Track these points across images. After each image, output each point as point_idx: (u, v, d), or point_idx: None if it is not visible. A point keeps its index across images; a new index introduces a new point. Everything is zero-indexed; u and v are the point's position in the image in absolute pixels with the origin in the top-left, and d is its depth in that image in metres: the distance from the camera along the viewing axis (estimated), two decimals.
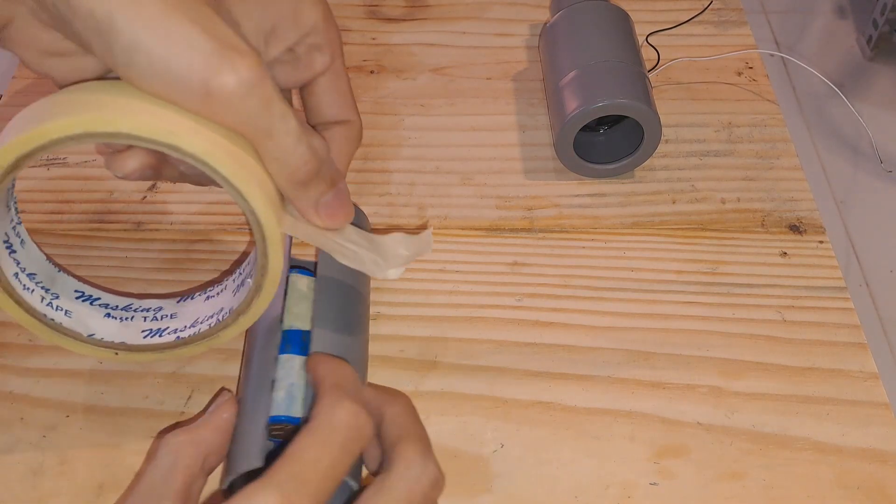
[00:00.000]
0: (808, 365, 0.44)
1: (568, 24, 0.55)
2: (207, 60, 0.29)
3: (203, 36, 0.29)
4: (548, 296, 0.47)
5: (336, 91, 0.38)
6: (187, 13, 0.29)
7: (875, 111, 0.66)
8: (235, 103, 0.30)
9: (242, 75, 0.29)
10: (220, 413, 0.35)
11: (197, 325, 0.39)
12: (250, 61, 0.30)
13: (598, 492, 0.40)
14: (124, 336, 0.39)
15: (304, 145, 0.32)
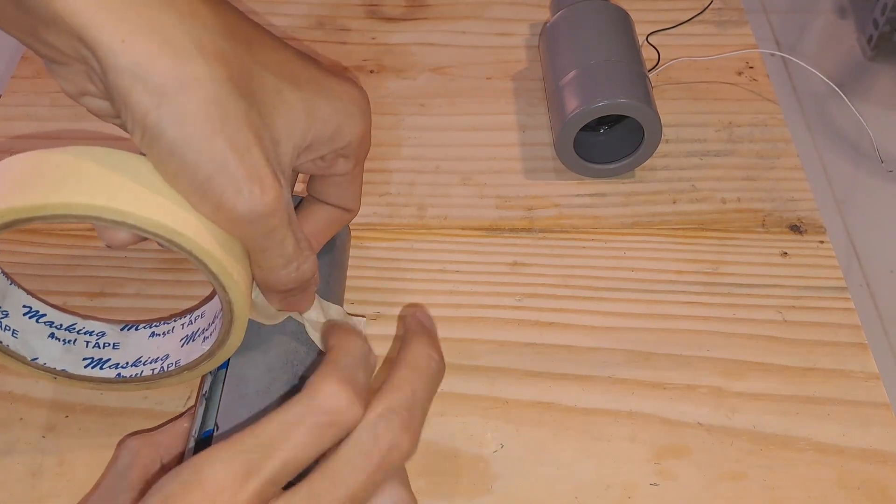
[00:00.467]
0: (809, 365, 0.44)
1: (568, 24, 0.55)
2: (229, 181, 0.30)
3: (236, 161, 0.30)
4: (548, 296, 0.47)
5: (347, 188, 0.39)
6: (228, 135, 0.29)
7: (876, 111, 0.66)
8: (241, 225, 0.31)
9: (256, 207, 0.30)
10: (181, 422, 0.36)
11: (140, 365, 0.39)
12: (267, 196, 0.30)
13: (599, 492, 0.40)
14: (66, 363, 0.39)
15: (294, 269, 0.34)
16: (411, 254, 0.49)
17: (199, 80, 0.29)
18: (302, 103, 0.33)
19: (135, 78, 0.28)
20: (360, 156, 0.37)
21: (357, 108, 0.35)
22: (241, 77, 0.30)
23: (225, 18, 0.31)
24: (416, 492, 0.39)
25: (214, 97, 0.29)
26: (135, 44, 0.28)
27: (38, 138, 0.54)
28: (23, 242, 0.49)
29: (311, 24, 0.63)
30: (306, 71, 0.34)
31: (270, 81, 0.31)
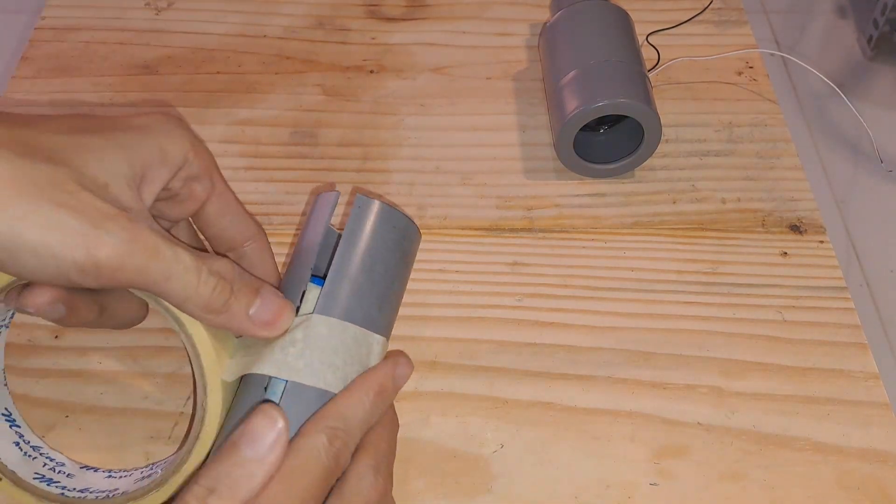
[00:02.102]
0: (809, 365, 0.44)
1: (568, 24, 0.55)
2: (83, 236, 0.29)
3: (72, 215, 0.29)
4: (548, 296, 0.47)
5: (228, 212, 0.38)
6: (52, 199, 0.29)
7: (876, 111, 0.66)
8: (125, 263, 0.30)
9: (118, 236, 0.30)
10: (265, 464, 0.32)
11: (86, 492, 0.38)
12: (121, 222, 0.30)
13: (599, 492, 0.40)
14: (18, 469, 0.38)
15: (206, 273, 0.33)
16: None
17: (6, 182, 0.29)
18: (108, 142, 0.32)
19: None
20: (211, 171, 0.37)
21: (169, 127, 0.35)
22: (32, 149, 0.30)
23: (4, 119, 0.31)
24: (415, 492, 0.39)
25: (14, 175, 0.29)
26: None
27: None
28: None
29: (311, 24, 0.63)
30: (98, 121, 0.33)
31: (65, 140, 0.31)
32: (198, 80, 0.58)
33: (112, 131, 0.33)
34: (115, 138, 0.33)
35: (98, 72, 0.58)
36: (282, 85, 0.58)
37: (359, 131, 0.55)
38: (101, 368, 0.44)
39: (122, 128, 0.33)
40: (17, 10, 1.26)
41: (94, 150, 0.32)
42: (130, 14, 0.62)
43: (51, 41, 0.60)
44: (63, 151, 0.31)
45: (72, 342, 0.45)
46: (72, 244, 0.29)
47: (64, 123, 0.32)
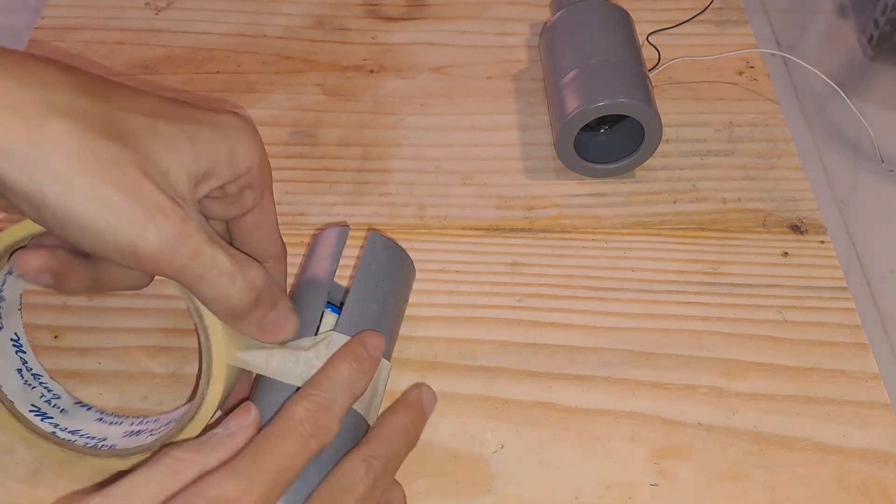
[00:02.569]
0: (810, 365, 0.44)
1: (568, 24, 0.55)
2: (132, 223, 0.30)
3: (127, 200, 0.30)
4: (548, 296, 0.47)
5: (263, 227, 0.38)
6: (112, 180, 0.29)
7: (876, 110, 0.66)
8: (163, 259, 0.31)
9: (165, 233, 0.30)
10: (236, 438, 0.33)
11: (76, 434, 0.39)
12: (172, 220, 0.30)
13: (599, 492, 0.40)
14: (17, 398, 0.39)
15: (241, 280, 0.33)
16: (411, 254, 0.49)
17: (59, 138, 0.29)
18: (182, 133, 0.32)
19: (6, 160, 0.28)
20: (266, 186, 0.37)
21: (245, 133, 0.35)
22: (105, 125, 0.30)
23: (76, 79, 0.31)
24: (415, 492, 0.39)
25: (80, 150, 0.29)
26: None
27: None
28: None
29: (311, 23, 0.63)
30: (178, 109, 0.33)
31: (140, 121, 0.31)
32: (197, 79, 0.58)
33: (189, 122, 0.33)
34: (190, 130, 0.33)
35: (97, 71, 0.58)
36: (281, 84, 0.58)
37: (359, 131, 0.55)
38: (101, 369, 0.43)
39: (199, 120, 0.33)
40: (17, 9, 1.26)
41: (166, 138, 0.32)
42: (130, 14, 0.62)
43: (50, 41, 0.60)
44: (135, 133, 0.31)
45: (71, 342, 0.45)
46: (119, 229, 0.30)
47: (146, 104, 0.32)
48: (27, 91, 0.29)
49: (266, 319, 0.35)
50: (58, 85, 0.30)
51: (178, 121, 0.33)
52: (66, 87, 0.30)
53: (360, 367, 0.36)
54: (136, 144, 0.31)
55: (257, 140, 0.35)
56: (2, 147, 0.28)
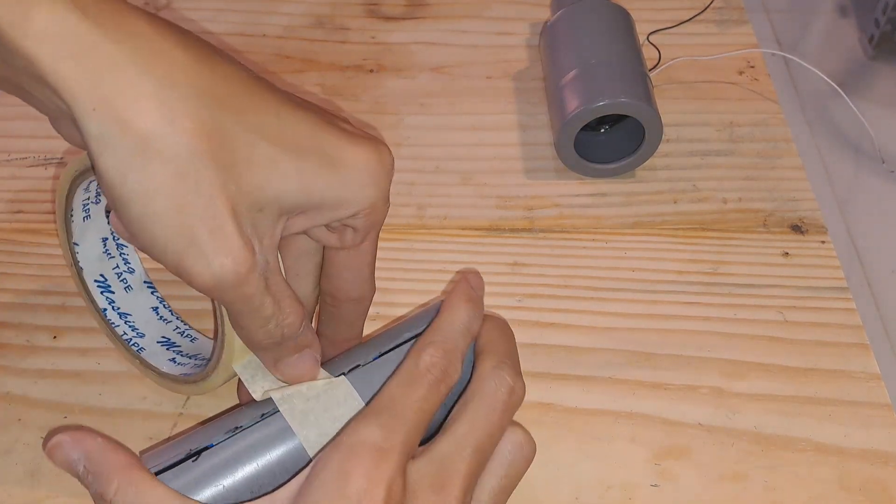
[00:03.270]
0: (810, 366, 0.44)
1: (569, 23, 0.55)
2: (196, 253, 0.29)
3: (203, 235, 0.29)
4: (548, 296, 0.47)
5: (353, 269, 0.37)
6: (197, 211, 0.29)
7: (877, 110, 0.66)
8: (211, 291, 0.30)
9: (222, 275, 0.30)
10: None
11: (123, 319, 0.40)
12: (237, 265, 0.30)
13: (599, 493, 0.39)
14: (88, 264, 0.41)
15: (273, 324, 0.32)
16: (411, 254, 0.49)
17: (166, 153, 0.28)
18: (299, 174, 0.31)
19: (103, 147, 0.28)
20: (371, 229, 0.35)
21: (369, 177, 0.33)
22: (221, 147, 0.29)
23: (216, 82, 0.30)
24: None
25: (182, 171, 0.28)
26: (105, 113, 0.27)
27: (37, 138, 0.54)
28: (23, 243, 0.49)
29: (311, 23, 0.62)
30: (312, 137, 0.32)
31: (263, 150, 0.30)
32: None
33: (314, 160, 0.31)
34: (309, 170, 0.31)
35: None
36: (281, 84, 0.58)
37: None
38: (100, 369, 0.43)
39: (325, 157, 0.32)
40: None
41: (281, 173, 0.31)
42: None
43: None
44: (246, 160, 0.30)
45: (70, 343, 0.44)
46: (180, 253, 0.29)
47: (275, 125, 0.31)
48: (157, 95, 0.28)
49: (284, 360, 0.34)
50: (191, 91, 0.29)
51: (302, 157, 0.31)
52: (201, 94, 0.29)
53: (474, 308, 0.36)
54: (240, 172, 0.30)
55: (380, 182, 0.33)
56: (108, 144, 0.28)
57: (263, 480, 0.33)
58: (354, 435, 0.30)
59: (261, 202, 0.30)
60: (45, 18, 0.27)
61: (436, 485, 0.31)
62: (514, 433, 0.34)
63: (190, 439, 0.34)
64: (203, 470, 0.32)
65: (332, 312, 0.38)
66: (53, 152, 0.54)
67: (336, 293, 0.37)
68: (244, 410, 0.35)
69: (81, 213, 0.40)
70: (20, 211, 0.51)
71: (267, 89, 0.32)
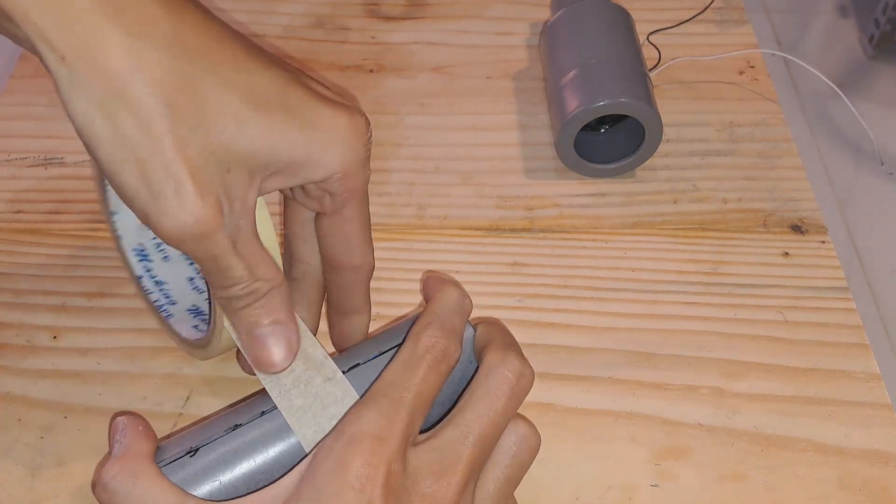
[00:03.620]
0: (811, 366, 0.44)
1: (569, 23, 0.55)
2: (164, 206, 0.29)
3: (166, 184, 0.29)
4: (548, 296, 0.47)
5: (338, 236, 0.36)
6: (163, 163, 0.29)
7: (877, 111, 0.66)
8: (179, 245, 0.30)
9: (188, 230, 0.30)
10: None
11: (159, 285, 0.41)
12: (202, 223, 0.30)
13: (599, 493, 0.39)
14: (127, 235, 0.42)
15: (242, 287, 0.32)
16: (411, 254, 0.49)
17: (132, 104, 0.28)
18: (267, 132, 0.31)
19: (72, 93, 0.28)
20: (349, 195, 0.35)
21: (340, 139, 0.33)
22: (190, 101, 0.29)
23: (186, 33, 0.29)
24: None
25: (146, 123, 0.28)
26: (74, 60, 0.28)
27: (37, 138, 0.54)
28: (23, 243, 0.49)
29: (311, 23, 0.62)
30: (282, 95, 0.32)
31: (231, 107, 0.30)
32: None
33: (281, 118, 0.31)
34: (277, 128, 0.31)
35: None
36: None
37: None
38: (100, 369, 0.43)
39: (294, 115, 0.32)
40: None
41: (247, 132, 0.30)
42: None
43: None
44: (220, 116, 0.30)
45: (70, 343, 0.44)
46: (147, 204, 0.29)
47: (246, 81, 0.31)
48: (125, 42, 0.28)
49: (255, 332, 0.33)
50: (161, 42, 0.29)
51: (270, 114, 0.31)
52: (171, 45, 0.29)
53: (459, 287, 0.36)
54: (207, 130, 0.29)
55: (353, 147, 0.33)
56: (76, 92, 0.28)
57: (260, 477, 0.33)
58: (355, 423, 0.31)
59: (228, 162, 0.30)
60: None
61: (437, 471, 0.31)
62: (519, 425, 0.34)
63: (189, 436, 0.34)
64: (201, 465, 0.32)
65: (332, 280, 0.39)
66: (53, 152, 0.54)
67: (329, 260, 0.38)
68: (243, 408, 0.35)
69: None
70: (20, 211, 0.51)
71: (239, 43, 0.31)
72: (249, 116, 0.30)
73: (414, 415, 0.31)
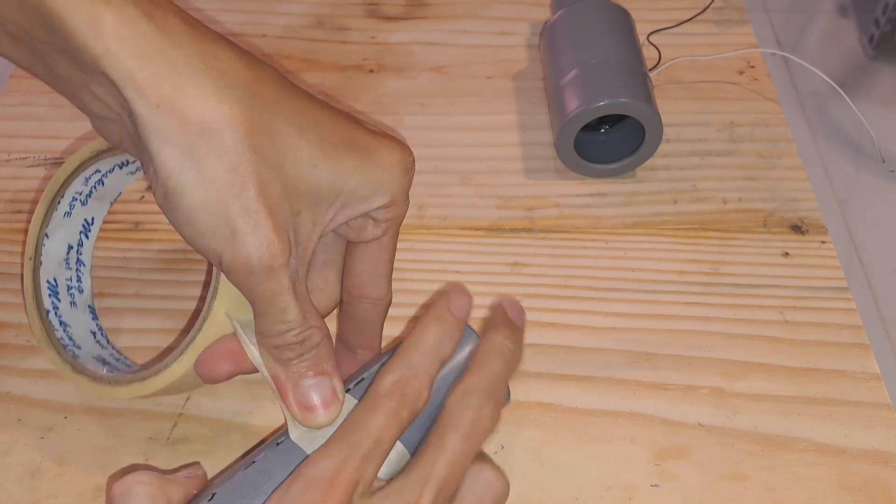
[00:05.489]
0: (811, 366, 0.44)
1: (569, 23, 0.55)
2: (238, 244, 0.31)
3: (246, 226, 0.31)
4: (548, 296, 0.47)
5: (371, 264, 0.37)
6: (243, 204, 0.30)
7: (877, 110, 0.66)
8: (239, 281, 0.32)
9: (255, 267, 0.31)
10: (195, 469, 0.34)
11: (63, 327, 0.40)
12: (273, 261, 0.31)
13: (599, 493, 0.39)
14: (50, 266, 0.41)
15: (293, 334, 0.33)
16: (411, 254, 0.49)
17: (221, 148, 0.30)
18: (336, 171, 0.33)
19: (163, 141, 0.30)
20: (391, 223, 0.36)
21: (396, 171, 0.35)
22: (271, 145, 0.31)
23: (263, 84, 0.32)
24: None
25: (234, 165, 0.30)
26: (167, 109, 0.29)
27: (37, 138, 0.54)
28: (23, 243, 0.49)
29: (311, 23, 0.62)
30: (346, 135, 0.33)
31: (306, 150, 0.32)
32: None
33: (346, 153, 0.33)
34: (344, 166, 0.33)
35: None
36: None
37: None
38: None
39: (358, 156, 0.33)
40: None
41: (317, 179, 0.32)
42: None
43: None
44: (295, 163, 0.32)
45: None
46: (218, 241, 0.31)
47: (309, 120, 0.32)
48: (216, 94, 0.30)
49: (301, 382, 0.34)
50: (245, 92, 0.31)
51: (339, 151, 0.33)
52: (253, 95, 0.31)
53: (444, 331, 0.35)
54: (286, 172, 0.31)
55: (402, 178, 0.35)
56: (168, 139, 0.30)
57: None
58: (311, 466, 0.31)
59: (300, 205, 0.32)
60: (115, 21, 0.29)
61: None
62: (483, 470, 0.33)
63: (217, 480, 0.34)
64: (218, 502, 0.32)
65: (348, 312, 0.38)
66: (53, 152, 0.54)
67: (353, 290, 0.38)
68: (264, 445, 0.35)
69: (67, 205, 0.40)
70: (20, 211, 0.51)
71: (303, 93, 0.34)
72: (320, 158, 0.32)
73: (370, 459, 0.31)
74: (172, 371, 0.36)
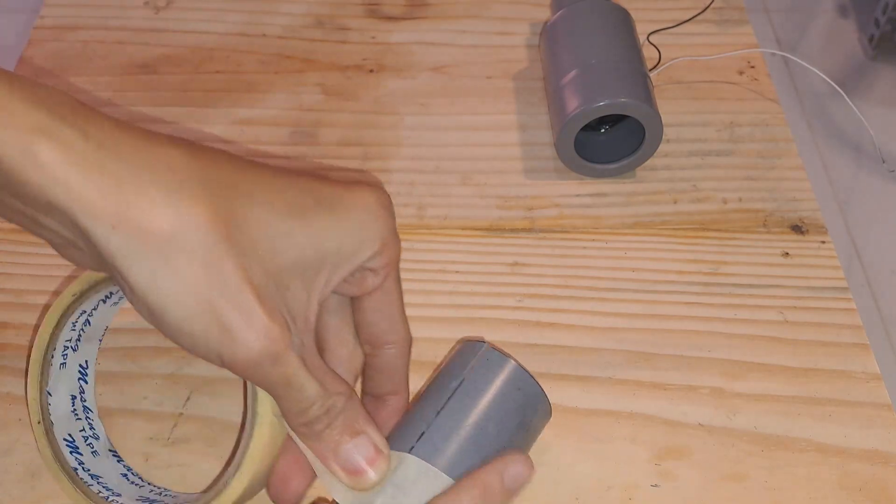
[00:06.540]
0: (811, 366, 0.44)
1: (569, 23, 0.55)
2: (230, 340, 0.29)
3: (231, 316, 0.29)
4: (548, 296, 0.47)
5: (383, 310, 0.36)
6: (228, 298, 0.29)
7: (877, 110, 0.66)
8: (249, 374, 0.31)
9: (258, 358, 0.30)
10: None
11: (95, 479, 0.39)
12: (272, 346, 0.30)
13: (599, 493, 0.39)
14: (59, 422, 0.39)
15: (318, 405, 0.32)
16: (411, 254, 0.49)
17: (189, 248, 0.29)
18: (312, 234, 0.32)
19: (130, 261, 0.28)
20: (389, 267, 0.35)
21: (374, 216, 0.33)
22: (238, 230, 0.30)
23: (214, 170, 0.30)
24: None
25: (207, 261, 0.29)
26: (125, 228, 0.28)
27: None
28: (23, 242, 0.49)
29: (311, 23, 0.62)
30: (312, 197, 0.32)
31: (276, 223, 0.31)
32: (197, 79, 0.58)
33: (318, 216, 0.32)
34: (320, 233, 0.32)
35: (97, 71, 0.58)
36: (281, 84, 0.58)
37: (358, 131, 0.55)
38: (100, 369, 0.43)
39: (329, 213, 0.32)
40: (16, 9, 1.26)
41: (295, 245, 0.31)
42: (129, 13, 0.62)
43: (49, 41, 0.60)
44: (267, 239, 0.30)
45: None
46: (212, 341, 0.30)
47: (284, 196, 0.31)
48: (168, 198, 0.29)
49: (342, 449, 0.33)
50: (197, 186, 0.29)
51: (308, 213, 0.32)
52: (206, 184, 0.30)
53: (484, 501, 0.33)
54: (261, 254, 0.30)
55: (386, 220, 0.34)
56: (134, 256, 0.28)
57: None
58: None
59: (286, 280, 0.31)
60: (51, 149, 0.27)
61: None
62: None
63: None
64: None
65: (373, 363, 0.38)
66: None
67: (371, 340, 0.37)
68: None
69: (60, 356, 0.39)
70: None
71: (256, 165, 0.32)
72: (293, 226, 0.31)
73: None
74: (234, 488, 0.34)
